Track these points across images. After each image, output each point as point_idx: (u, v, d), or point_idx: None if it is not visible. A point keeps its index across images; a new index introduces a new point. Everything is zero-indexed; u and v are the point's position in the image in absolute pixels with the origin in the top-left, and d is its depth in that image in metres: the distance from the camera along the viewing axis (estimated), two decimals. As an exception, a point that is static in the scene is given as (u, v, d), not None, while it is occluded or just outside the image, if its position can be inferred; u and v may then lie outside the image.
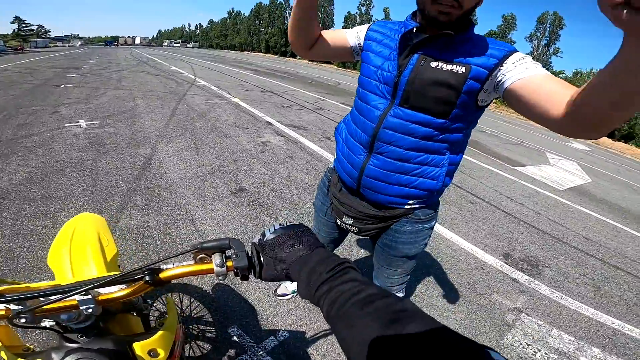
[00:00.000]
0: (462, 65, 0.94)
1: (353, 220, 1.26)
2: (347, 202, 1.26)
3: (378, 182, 1.14)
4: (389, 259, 1.34)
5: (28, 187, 2.82)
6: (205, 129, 5.15)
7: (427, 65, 0.98)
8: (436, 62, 0.97)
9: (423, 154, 1.07)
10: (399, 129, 1.05)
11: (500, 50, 0.94)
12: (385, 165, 1.11)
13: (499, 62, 0.92)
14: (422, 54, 0.99)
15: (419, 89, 0.99)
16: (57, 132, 4.28)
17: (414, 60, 1.00)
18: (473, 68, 0.94)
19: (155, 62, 18.44)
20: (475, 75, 0.94)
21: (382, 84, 1.06)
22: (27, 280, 1.86)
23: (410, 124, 1.04)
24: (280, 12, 64.98)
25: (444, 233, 3.18)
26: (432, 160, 1.08)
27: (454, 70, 0.95)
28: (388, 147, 1.08)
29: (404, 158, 1.08)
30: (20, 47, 39.74)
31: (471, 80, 0.94)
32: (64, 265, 0.83)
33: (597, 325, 2.40)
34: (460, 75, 0.94)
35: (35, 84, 8.08)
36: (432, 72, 0.97)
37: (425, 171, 1.10)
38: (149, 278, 0.54)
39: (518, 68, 0.89)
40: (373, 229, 1.26)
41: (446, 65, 0.95)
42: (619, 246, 3.99)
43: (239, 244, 0.57)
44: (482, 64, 0.93)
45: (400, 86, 1.02)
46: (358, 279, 0.48)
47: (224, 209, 2.89)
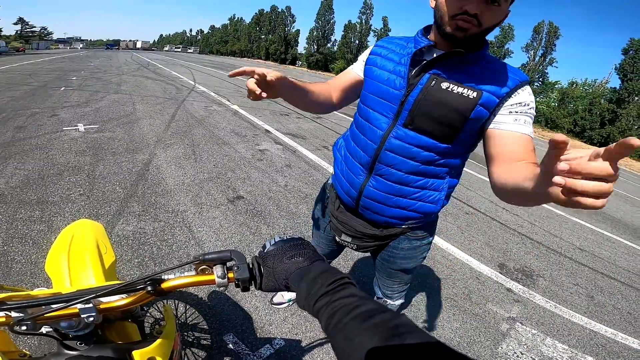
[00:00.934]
0: (474, 90, 0.91)
1: (351, 239, 1.25)
2: (345, 220, 1.24)
3: (377, 204, 1.11)
4: (387, 271, 1.35)
5: (24, 190, 2.81)
6: (203, 136, 5.16)
7: (437, 86, 0.93)
8: (447, 84, 0.93)
9: (423, 178, 1.05)
10: (400, 151, 1.01)
11: (513, 80, 0.91)
12: (384, 187, 1.08)
13: (510, 91, 0.91)
14: (433, 73, 0.95)
15: (426, 110, 0.95)
16: (55, 136, 4.28)
17: (425, 80, 0.95)
18: (484, 94, 0.90)
19: (155, 67, 18.50)
20: (486, 102, 0.91)
21: (387, 101, 1.02)
22: (20, 284, 1.85)
23: (413, 147, 1.00)
24: (281, 19, 65.50)
25: (440, 243, 3.20)
26: (432, 185, 1.06)
27: (465, 94, 0.91)
28: (388, 170, 1.05)
29: (403, 182, 1.05)
30: (22, 48, 39.67)
31: (480, 107, 0.91)
32: (62, 273, 0.82)
33: (590, 334, 2.42)
34: (470, 101, 0.91)
35: (35, 86, 8.08)
36: (442, 94, 0.93)
37: (424, 195, 1.07)
38: (151, 288, 0.55)
39: (513, 116, 0.91)
40: (371, 246, 1.27)
41: (457, 88, 0.92)
42: (613, 256, 4.03)
43: (240, 255, 0.59)
44: (495, 91, 0.91)
45: (407, 106, 0.98)
46: (357, 294, 0.49)
47: (221, 216, 2.89)
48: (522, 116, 0.92)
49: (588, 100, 31.05)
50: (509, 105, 0.92)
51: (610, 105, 28.44)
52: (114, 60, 22.40)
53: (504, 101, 0.92)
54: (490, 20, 0.87)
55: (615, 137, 27.03)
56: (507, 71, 0.93)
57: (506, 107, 0.92)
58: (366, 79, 1.11)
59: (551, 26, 34.16)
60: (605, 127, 28.19)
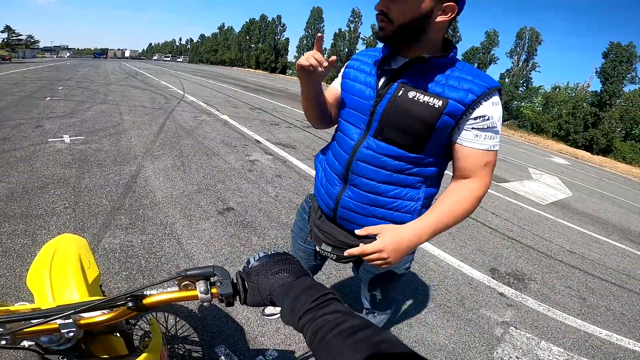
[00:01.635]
0: (439, 99, 0.90)
1: (332, 248, 1.23)
2: (326, 229, 1.23)
3: (353, 214, 1.11)
4: (371, 283, 1.34)
5: (8, 204, 2.74)
6: (192, 147, 5.12)
7: (404, 96, 0.94)
8: (414, 92, 0.93)
9: (397, 187, 1.04)
10: (370, 161, 1.02)
11: (479, 87, 0.89)
12: (359, 197, 1.08)
13: (477, 99, 0.89)
14: (401, 82, 0.95)
15: (393, 121, 0.95)
16: (40, 148, 4.19)
17: (393, 90, 0.96)
18: (450, 103, 0.90)
19: (144, 76, 18.40)
20: (452, 111, 0.90)
21: (358, 112, 1.04)
22: (4, 297, 1.81)
23: (382, 156, 1.00)
24: (271, 28, 65.98)
25: (431, 250, 3.21)
26: (406, 194, 1.05)
27: (430, 104, 0.91)
28: (361, 180, 1.05)
29: (377, 191, 1.05)
30: (8, 57, 39.08)
31: (446, 116, 0.91)
32: (44, 287, 0.81)
33: (585, 336, 2.44)
34: (434, 110, 0.90)
35: (20, 96, 7.94)
36: (409, 104, 0.93)
37: (400, 205, 1.06)
38: (132, 304, 0.54)
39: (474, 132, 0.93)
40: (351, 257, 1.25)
41: (423, 97, 0.92)
42: (602, 258, 4.09)
43: (223, 271, 0.58)
44: (460, 99, 0.89)
45: (376, 116, 0.99)
46: (341, 310, 0.49)
47: (210, 228, 2.85)
48: (483, 132, 0.93)
49: (571, 104, 31.81)
50: (472, 120, 0.92)
51: (593, 108, 29.17)
52: (101, 70, 22.22)
53: (470, 111, 0.91)
54: (399, 15, 0.87)
55: (598, 140, 27.69)
56: (475, 77, 0.91)
57: (470, 122, 0.92)
58: (342, 92, 1.13)
59: (533, 32, 35.02)
60: (588, 130, 28.85)
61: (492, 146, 0.94)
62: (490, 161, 0.96)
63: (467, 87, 0.90)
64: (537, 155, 15.24)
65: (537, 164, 11.62)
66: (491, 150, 0.95)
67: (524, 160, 11.77)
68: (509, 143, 18.01)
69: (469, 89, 0.89)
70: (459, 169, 0.99)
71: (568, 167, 13.99)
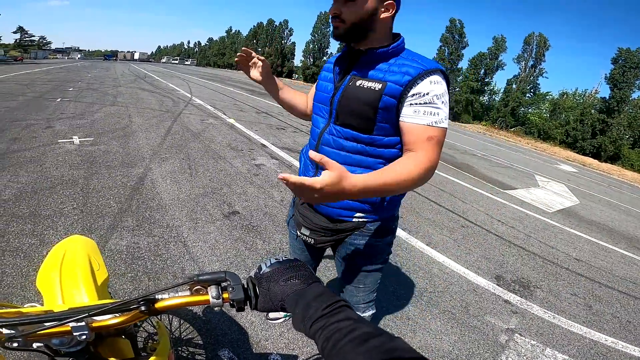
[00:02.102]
0: (379, 82, 1.02)
1: (309, 232, 1.31)
2: (306, 214, 1.31)
3: None
4: (348, 273, 1.37)
5: (17, 203, 2.78)
6: (199, 150, 5.16)
7: (353, 84, 1.08)
8: (361, 81, 1.06)
9: (358, 168, 1.11)
10: (332, 144, 1.15)
11: (415, 69, 0.99)
12: None
13: (413, 80, 0.99)
14: (352, 74, 1.10)
15: (345, 106, 1.10)
16: (50, 148, 4.26)
17: (346, 82, 1.11)
18: (388, 85, 1.01)
19: (152, 79, 18.60)
20: (390, 91, 1.00)
21: (322, 104, 1.20)
22: (10, 297, 1.83)
23: (340, 139, 1.14)
24: (278, 32, 66.40)
25: (436, 257, 3.19)
26: None
27: (371, 87, 1.03)
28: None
29: None
30: (20, 57, 39.78)
31: (386, 97, 1.01)
32: (54, 289, 0.82)
33: (590, 343, 2.42)
34: (375, 92, 1.02)
35: (31, 97, 8.07)
36: (355, 90, 1.07)
37: None
38: (144, 308, 0.54)
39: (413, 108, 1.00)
40: (328, 241, 1.31)
41: (367, 83, 1.05)
42: (609, 266, 4.05)
43: (234, 276, 0.59)
44: (397, 80, 1.00)
45: (334, 105, 1.13)
46: (353, 317, 0.50)
47: (216, 232, 2.87)
48: (421, 107, 0.99)
49: (579, 110, 31.54)
50: (410, 97, 1.00)
51: (601, 115, 28.89)
52: (111, 72, 22.51)
53: (407, 90, 1.00)
54: (350, 15, 1.00)
55: (606, 147, 27.41)
56: (414, 62, 1.02)
57: (408, 99, 1.01)
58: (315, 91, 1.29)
59: (541, 37, 34.78)
60: (596, 137, 28.59)
61: (433, 122, 0.99)
62: (433, 136, 0.99)
63: (404, 70, 1.01)
64: (543, 163, 15.12)
65: (543, 171, 11.52)
66: (433, 127, 0.99)
67: (531, 167, 11.68)
68: (516, 150, 17.90)
69: (406, 72, 1.00)
70: (405, 144, 1.05)
71: (575, 174, 13.86)
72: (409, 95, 1.00)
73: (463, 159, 9.55)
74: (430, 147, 0.99)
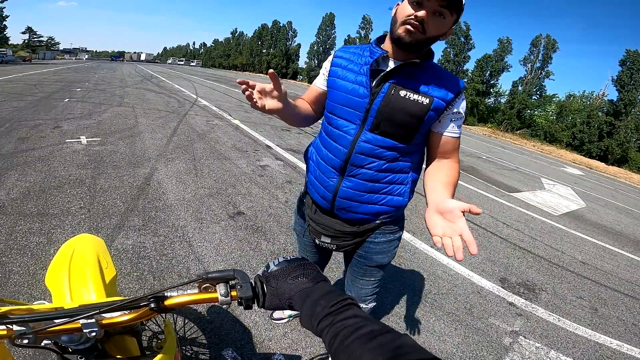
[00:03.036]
0: (426, 97, 1.05)
1: (331, 239, 1.31)
2: (323, 222, 1.30)
3: (351, 202, 1.21)
4: (363, 269, 1.40)
5: (25, 202, 2.82)
6: (205, 151, 5.19)
7: (396, 94, 1.06)
8: (405, 92, 1.06)
9: (390, 174, 1.17)
10: (369, 153, 1.13)
11: (455, 87, 1.07)
12: (357, 186, 1.18)
13: (454, 97, 1.07)
14: (392, 82, 1.07)
15: (388, 116, 1.08)
16: (58, 148, 4.31)
17: (385, 89, 1.07)
18: (435, 100, 1.05)
19: (158, 80, 18.73)
20: (436, 106, 1.06)
21: (353, 110, 1.13)
22: (17, 295, 1.85)
23: (379, 148, 1.13)
24: (283, 34, 66.56)
25: (441, 259, 3.19)
26: (398, 179, 1.19)
27: (419, 101, 1.05)
28: (360, 170, 1.16)
29: (374, 179, 1.17)
30: (29, 58, 40.18)
31: (432, 112, 1.06)
32: (63, 287, 0.83)
33: (595, 346, 2.41)
34: (423, 106, 1.05)
35: (39, 97, 8.17)
36: (401, 101, 1.06)
37: (393, 189, 1.19)
38: (154, 305, 0.55)
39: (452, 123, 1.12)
40: (351, 244, 1.32)
41: (413, 95, 1.05)
42: (615, 269, 4.01)
43: (243, 274, 0.60)
44: (442, 97, 1.06)
45: (372, 113, 1.09)
46: (360, 315, 0.50)
47: (221, 232, 2.88)
48: (456, 122, 1.12)
49: (586, 113, 31.25)
50: (452, 114, 1.10)
51: (608, 117, 28.61)
52: (118, 72, 22.70)
53: (449, 107, 1.08)
54: (433, 29, 0.99)
55: (613, 150, 27.13)
56: (450, 79, 1.09)
57: (448, 115, 1.10)
58: (330, 90, 1.20)
59: (549, 39, 34.48)
60: (603, 140, 28.31)
61: (459, 134, 1.15)
62: (459, 144, 1.18)
63: (446, 87, 1.06)
64: (549, 165, 15.00)
65: (549, 174, 11.44)
66: (459, 137, 1.16)
67: (537, 170, 11.60)
68: (521, 152, 17.78)
69: (448, 89, 1.06)
70: (440, 153, 1.16)
71: (582, 177, 13.74)
72: (451, 112, 1.10)
73: (468, 162, 9.51)
74: (457, 153, 1.19)
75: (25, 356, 1.51)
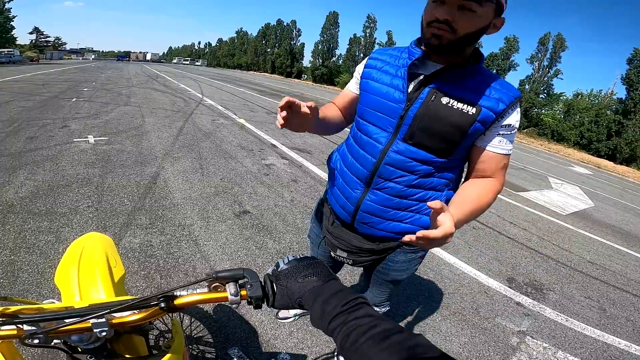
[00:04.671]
0: (473, 106, 0.92)
1: (347, 254, 1.21)
2: (341, 235, 1.21)
3: (375, 218, 1.10)
4: (379, 282, 1.34)
5: (33, 201, 2.85)
6: (210, 150, 5.21)
7: (437, 101, 0.93)
8: (447, 99, 0.93)
9: (422, 191, 1.05)
10: (400, 165, 1.01)
11: (507, 96, 0.93)
12: (383, 201, 1.07)
13: (506, 108, 0.93)
14: (433, 87, 0.95)
15: (426, 125, 0.95)
16: (66, 147, 4.35)
17: (424, 95, 0.95)
18: (483, 110, 0.92)
19: (164, 79, 18.83)
20: (484, 118, 0.92)
21: (386, 116, 1.01)
22: (26, 294, 1.86)
23: (412, 161, 1.00)
24: (287, 33, 66.59)
25: (447, 258, 3.17)
26: (430, 197, 1.05)
27: (464, 111, 0.92)
28: (388, 184, 1.05)
29: (402, 195, 1.05)
30: (37, 58, 40.57)
31: (478, 123, 0.93)
32: (72, 286, 0.83)
33: (603, 347, 2.38)
34: (469, 117, 0.92)
35: (47, 97, 8.25)
36: (443, 110, 0.93)
37: (422, 208, 1.07)
38: (164, 305, 0.55)
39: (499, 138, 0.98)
40: (368, 261, 1.22)
41: (457, 104, 0.92)
42: (624, 269, 3.97)
43: (252, 274, 0.59)
44: (492, 107, 0.92)
45: (407, 120, 0.97)
46: (372, 314, 0.49)
47: (227, 231, 2.89)
48: (506, 138, 0.98)
49: (594, 111, 30.87)
50: (500, 127, 0.96)
51: (617, 116, 28.24)
52: (124, 72, 22.86)
53: (499, 119, 0.94)
54: (465, 27, 0.85)
55: (622, 149, 26.77)
56: (502, 87, 0.95)
57: (496, 128, 0.96)
58: (363, 92, 1.10)
59: (558, 38, 34.05)
60: (612, 139, 27.97)
61: (509, 150, 1.01)
62: (507, 163, 1.03)
63: (497, 97, 0.93)
64: (557, 164, 14.85)
65: (557, 173, 11.32)
66: (508, 155, 1.01)
67: (544, 170, 11.49)
68: (529, 151, 17.62)
69: (500, 98, 0.93)
70: (480, 170, 1.03)
71: (590, 176, 13.58)
72: (500, 126, 0.95)
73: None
74: (502, 173, 1.03)
75: (33, 355, 1.53)
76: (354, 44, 53.75)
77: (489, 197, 1.00)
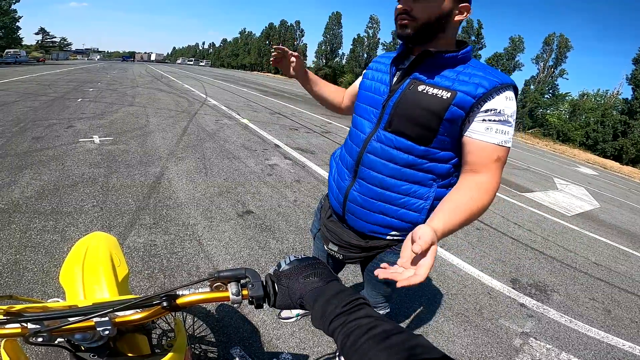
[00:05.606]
0: (448, 91, 0.92)
1: (338, 248, 1.26)
2: (333, 229, 1.26)
3: (360, 209, 1.13)
4: (372, 282, 1.36)
5: (39, 200, 2.88)
6: (214, 150, 5.23)
7: (414, 89, 0.97)
8: (423, 86, 0.96)
9: (406, 183, 1.04)
10: (380, 154, 1.05)
11: (490, 81, 0.91)
12: (367, 191, 1.09)
13: (487, 93, 0.90)
14: (412, 78, 0.99)
15: (402, 112, 0.99)
16: (71, 147, 4.39)
17: (405, 85, 1.00)
18: (458, 94, 0.91)
19: (168, 80, 18.92)
20: (460, 102, 0.91)
21: (372, 107, 1.09)
22: (31, 292, 1.88)
23: (391, 149, 1.02)
24: (291, 33, 66.64)
25: (450, 259, 3.16)
26: (416, 192, 1.04)
27: (439, 95, 0.93)
28: (370, 173, 1.08)
29: (384, 185, 1.06)
30: (42, 58, 40.90)
31: (454, 107, 0.92)
32: (77, 285, 0.84)
33: (607, 348, 2.37)
34: (443, 101, 0.92)
35: (53, 97, 8.32)
36: (417, 96, 0.96)
37: (408, 202, 1.06)
38: (166, 304, 0.55)
39: (485, 124, 0.92)
40: (357, 257, 1.25)
41: (432, 90, 0.94)
42: (629, 270, 3.94)
43: (254, 273, 0.60)
44: (469, 91, 0.90)
45: (387, 109, 1.03)
46: (372, 314, 0.50)
47: (230, 230, 2.91)
48: (494, 125, 0.92)
49: (600, 112, 30.63)
50: (483, 112, 0.92)
51: (623, 117, 27.99)
52: (129, 72, 23.00)
53: (480, 104, 0.91)
54: (423, 12, 0.91)
55: (628, 149, 26.53)
56: (487, 73, 0.93)
57: (480, 114, 0.92)
58: (359, 91, 1.20)
59: (562, 38, 33.87)
60: (618, 140, 27.72)
61: (503, 141, 0.93)
62: (501, 157, 0.94)
63: (477, 81, 0.91)
64: (562, 165, 14.75)
65: (562, 174, 11.24)
66: (502, 146, 0.93)
67: (549, 170, 11.41)
68: (534, 152, 17.50)
69: (479, 83, 0.91)
70: (469, 163, 0.97)
71: (595, 177, 13.47)
72: (482, 110, 0.92)
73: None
74: (496, 169, 0.95)
75: (37, 353, 1.54)
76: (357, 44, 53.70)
77: (483, 200, 0.93)
